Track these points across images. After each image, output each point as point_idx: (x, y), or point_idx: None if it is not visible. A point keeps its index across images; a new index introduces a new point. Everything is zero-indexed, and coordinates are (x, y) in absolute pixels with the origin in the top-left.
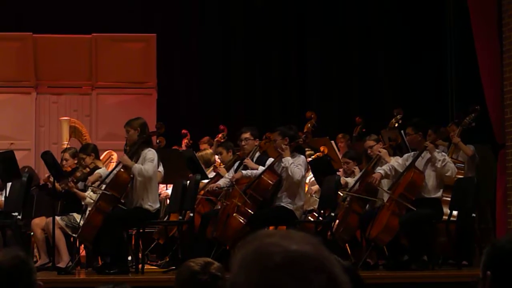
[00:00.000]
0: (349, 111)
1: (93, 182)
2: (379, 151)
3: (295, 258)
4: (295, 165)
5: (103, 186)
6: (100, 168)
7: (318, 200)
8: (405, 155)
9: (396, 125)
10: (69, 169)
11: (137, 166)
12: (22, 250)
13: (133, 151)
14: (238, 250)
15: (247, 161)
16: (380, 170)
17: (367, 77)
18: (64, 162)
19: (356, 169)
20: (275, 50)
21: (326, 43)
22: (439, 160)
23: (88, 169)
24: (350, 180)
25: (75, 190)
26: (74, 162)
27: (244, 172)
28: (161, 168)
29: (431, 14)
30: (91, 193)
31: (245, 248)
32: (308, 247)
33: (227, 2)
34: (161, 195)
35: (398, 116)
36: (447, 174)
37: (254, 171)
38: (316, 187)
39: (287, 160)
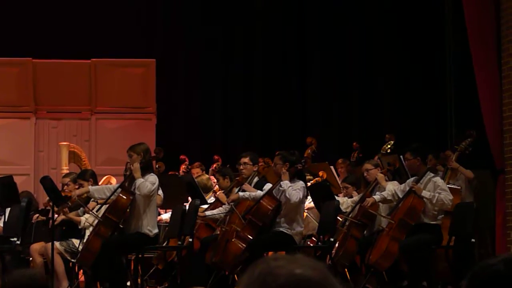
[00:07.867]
0: (348, 137)
1: (79, 195)
2: (377, 175)
3: (298, 282)
4: (293, 188)
5: (101, 211)
6: None
7: (316, 224)
8: (408, 181)
9: (389, 150)
10: (70, 194)
11: (140, 179)
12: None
13: (133, 176)
14: (246, 271)
15: (245, 186)
16: (377, 195)
17: (366, 102)
18: (66, 187)
19: (355, 194)
20: (276, 76)
21: (326, 68)
22: (429, 199)
23: (85, 195)
24: (346, 200)
25: (70, 216)
26: (75, 187)
27: (241, 193)
28: (160, 192)
29: (431, 39)
30: (87, 215)
31: (253, 269)
32: (313, 272)
33: (228, 27)
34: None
35: (391, 141)
36: (442, 208)
37: (253, 194)
38: (310, 204)
39: (285, 184)
